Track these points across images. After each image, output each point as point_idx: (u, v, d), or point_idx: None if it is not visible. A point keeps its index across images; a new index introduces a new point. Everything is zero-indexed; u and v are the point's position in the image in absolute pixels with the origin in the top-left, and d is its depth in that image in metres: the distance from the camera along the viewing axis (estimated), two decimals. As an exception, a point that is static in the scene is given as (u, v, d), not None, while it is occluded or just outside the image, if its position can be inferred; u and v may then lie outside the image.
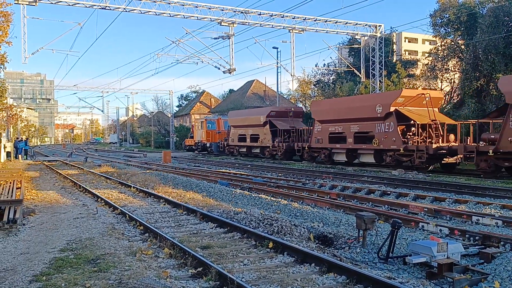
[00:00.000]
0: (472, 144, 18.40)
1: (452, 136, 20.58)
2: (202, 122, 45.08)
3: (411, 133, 21.13)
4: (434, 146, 19.88)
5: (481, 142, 18.12)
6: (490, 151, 17.05)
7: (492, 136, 17.80)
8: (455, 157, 19.55)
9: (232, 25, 31.23)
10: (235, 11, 30.58)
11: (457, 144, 19.62)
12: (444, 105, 35.72)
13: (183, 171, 23.41)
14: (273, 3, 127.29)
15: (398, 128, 21.39)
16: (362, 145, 23.60)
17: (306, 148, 27.90)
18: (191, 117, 68.07)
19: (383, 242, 7.11)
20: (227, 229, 8.62)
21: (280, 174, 21.31)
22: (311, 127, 27.82)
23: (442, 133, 20.97)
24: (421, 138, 20.89)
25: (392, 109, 21.59)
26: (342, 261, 6.48)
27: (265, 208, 11.71)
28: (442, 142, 20.54)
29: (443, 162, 20.41)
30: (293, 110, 33.67)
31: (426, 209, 10.55)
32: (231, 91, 75.42)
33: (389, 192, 13.85)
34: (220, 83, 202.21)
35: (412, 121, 21.12)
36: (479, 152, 17.60)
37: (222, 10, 30.48)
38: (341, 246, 7.65)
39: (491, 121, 19.10)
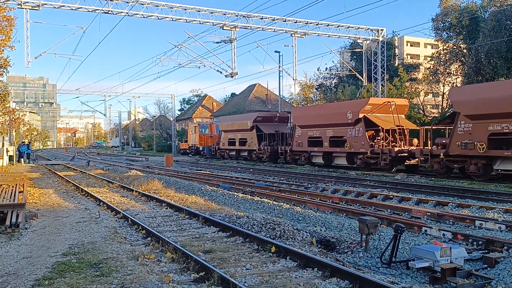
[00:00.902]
0: (427, 148, 20.40)
1: (415, 140, 22.42)
2: (195, 127, 47.81)
3: (378, 138, 23.07)
4: (396, 149, 21.98)
5: (434, 146, 20.07)
6: (441, 154, 19.12)
7: (444, 141, 19.69)
8: (416, 159, 21.17)
9: (234, 29, 31.26)
10: (237, 15, 30.64)
11: (415, 148, 21.60)
12: (446, 109, 35.74)
13: (185, 175, 23.41)
14: (275, 7, 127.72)
15: (366, 133, 23.60)
16: (337, 148, 25.82)
17: (288, 151, 30.19)
18: (193, 121, 68.20)
19: (386, 247, 7.09)
20: (229, 233, 8.60)
21: (282, 178, 21.30)
22: (293, 132, 29.92)
23: (405, 138, 23.08)
24: (387, 142, 22.87)
25: (361, 115, 23.77)
26: (345, 265, 6.45)
27: (267, 212, 11.69)
28: (405, 146, 22.56)
29: (406, 163, 22.09)
30: (278, 115, 35.52)
31: (429, 214, 10.51)
32: (233, 95, 75.58)
33: (392, 196, 13.81)
34: (222, 87, 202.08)
35: (378, 127, 23.09)
36: (432, 155, 19.65)
37: (224, 14, 30.54)
38: (343, 250, 7.63)
39: (446, 127, 20.88)
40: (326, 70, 49.80)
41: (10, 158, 34.88)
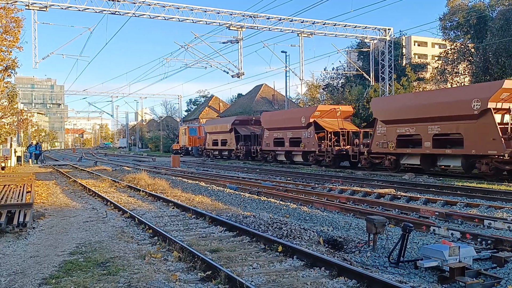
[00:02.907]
0: (356, 147, 24.81)
1: (356, 140, 25.74)
2: (185, 129, 53.53)
3: (325, 139, 27.27)
4: (336, 148, 26.28)
5: (361, 146, 24.43)
6: (365, 152, 23.64)
7: (368, 141, 24.17)
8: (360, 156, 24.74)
9: (240, 29, 31.28)
10: (243, 15, 30.65)
11: (348, 147, 25.97)
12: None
13: (191, 175, 23.44)
14: (282, 7, 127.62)
15: (315, 135, 27.98)
16: (295, 147, 30.24)
17: (259, 150, 34.55)
18: (200, 121, 68.38)
19: (394, 246, 7.03)
20: (236, 232, 8.58)
21: (288, 178, 21.25)
22: (263, 133, 34.28)
23: (348, 139, 27.28)
24: (331, 142, 26.99)
25: (311, 120, 28.31)
26: (353, 265, 6.41)
27: (274, 212, 11.66)
28: (345, 145, 26.71)
29: (352, 160, 25.78)
30: (254, 118, 39.36)
31: (437, 213, 10.43)
32: (239, 95, 75.62)
33: (400, 196, 13.73)
34: (229, 88, 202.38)
35: (324, 130, 27.51)
36: (360, 153, 24.16)
37: (231, 14, 30.56)
38: (351, 250, 7.58)
39: (369, 130, 25.09)
40: (333, 70, 49.71)
41: (18, 158, 35.11)
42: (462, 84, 36.61)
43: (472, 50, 31.93)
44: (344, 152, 25.77)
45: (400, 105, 22.21)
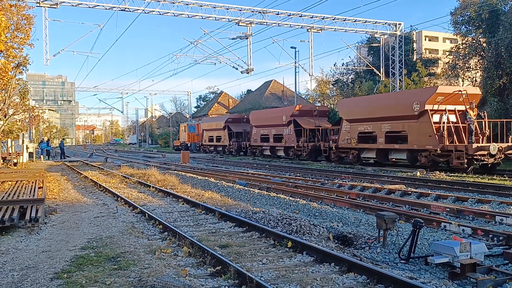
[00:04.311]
0: (326, 143, 27.67)
1: (332, 137, 28.13)
2: (185, 126, 57.30)
3: (303, 135, 30.08)
4: (311, 144, 29.17)
5: (330, 141, 27.37)
6: (333, 147, 26.57)
7: (336, 137, 26.93)
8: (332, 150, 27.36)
9: (250, 25, 31.23)
10: (253, 11, 30.59)
11: (321, 143, 28.31)
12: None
13: (201, 171, 23.51)
14: (291, 2, 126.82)
15: (294, 131, 30.85)
16: (278, 143, 33.26)
17: (248, 146, 37.84)
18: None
19: (404, 242, 7.00)
20: (245, 228, 8.60)
21: (298, 174, 21.23)
22: (251, 130, 37.49)
23: (323, 135, 29.34)
24: (307, 138, 29.77)
25: (291, 118, 31.17)
26: (362, 261, 6.39)
27: (283, 207, 11.66)
28: (319, 141, 28.78)
29: (323, 154, 28.43)
30: (246, 117, 41.58)
31: (448, 209, 10.36)
32: (249, 91, 75.47)
33: (410, 192, 13.64)
34: (238, 84, 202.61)
35: (301, 127, 30.22)
36: (329, 148, 27.09)
37: (240, 10, 30.52)
38: (361, 246, 7.56)
39: (337, 127, 27.31)
40: (342, 65, 49.36)
41: (30, 154, 35.47)
42: (474, 79, 36.23)
43: (484, 44, 31.52)
44: (317, 147, 28.79)
45: (360, 106, 25.06)
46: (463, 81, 38.08)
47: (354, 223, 9.42)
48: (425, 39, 77.75)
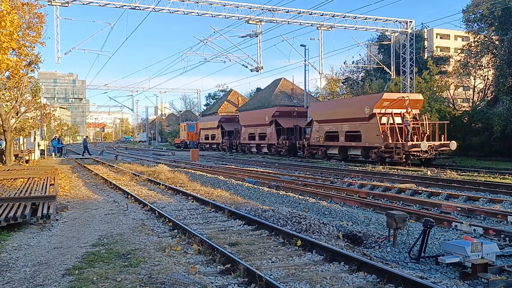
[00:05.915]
0: (301, 141, 31.56)
1: (306, 135, 31.11)
2: (184, 125, 61.61)
3: (282, 134, 34.22)
4: (289, 141, 33.23)
5: (303, 139, 31.18)
6: (306, 144, 30.64)
7: (308, 136, 30.85)
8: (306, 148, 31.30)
9: (259, 23, 31.15)
10: (262, 9, 30.51)
11: (297, 141, 31.89)
12: (477, 103, 34.83)
13: (210, 169, 23.56)
14: (301, 0, 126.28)
15: (275, 130, 35.24)
16: (262, 141, 37.77)
17: (238, 144, 41.87)
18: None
19: (414, 242, 6.96)
20: (255, 226, 8.61)
21: (307, 173, 21.19)
22: (240, 130, 41.39)
23: (301, 134, 32.28)
24: (286, 136, 33.96)
25: (272, 119, 35.78)
26: (372, 260, 6.37)
27: (293, 206, 11.65)
28: (296, 139, 32.44)
29: (298, 151, 32.61)
30: (237, 116, 45.57)
31: (459, 209, 10.27)
32: (258, 89, 75.44)
33: (421, 191, 13.56)
34: (248, 82, 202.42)
35: (281, 126, 34.48)
36: (303, 145, 31.15)
37: (250, 8, 30.46)
38: (371, 245, 7.53)
39: (309, 127, 30.81)
40: (352, 63, 49.15)
41: (42, 152, 35.78)
42: (486, 77, 35.87)
43: (497, 42, 31.18)
44: (294, 144, 32.30)
45: (326, 109, 29.85)
46: (474, 79, 37.71)
47: (364, 222, 9.38)
48: (436, 37, 77.00)
